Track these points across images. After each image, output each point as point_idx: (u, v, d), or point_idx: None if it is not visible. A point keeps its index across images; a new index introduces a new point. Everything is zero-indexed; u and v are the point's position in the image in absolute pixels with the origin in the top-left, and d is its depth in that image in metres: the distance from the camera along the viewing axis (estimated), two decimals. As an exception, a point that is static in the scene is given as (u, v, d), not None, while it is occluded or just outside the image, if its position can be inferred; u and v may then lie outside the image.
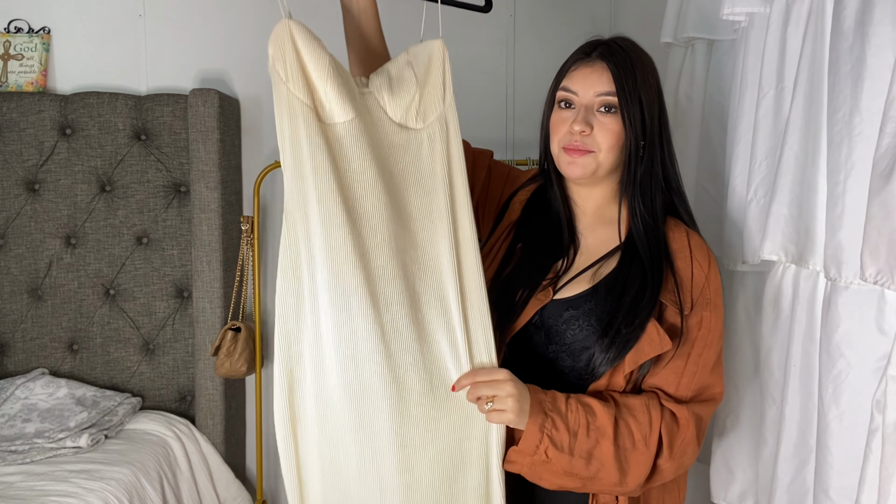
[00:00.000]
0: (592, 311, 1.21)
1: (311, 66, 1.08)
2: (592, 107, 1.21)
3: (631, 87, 1.18)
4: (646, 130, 1.20)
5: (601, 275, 1.24)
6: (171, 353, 2.38)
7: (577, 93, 1.22)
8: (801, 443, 1.30)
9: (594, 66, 1.21)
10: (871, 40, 1.06)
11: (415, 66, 1.19)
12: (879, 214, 0.97)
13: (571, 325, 1.22)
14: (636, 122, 1.19)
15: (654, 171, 1.23)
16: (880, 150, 0.97)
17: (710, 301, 1.20)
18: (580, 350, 1.21)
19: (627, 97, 1.18)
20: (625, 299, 1.18)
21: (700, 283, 1.20)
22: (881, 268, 0.97)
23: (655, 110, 1.21)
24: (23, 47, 2.40)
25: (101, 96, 2.32)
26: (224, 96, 2.30)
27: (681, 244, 1.22)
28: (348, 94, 1.10)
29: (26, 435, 2.02)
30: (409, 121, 1.18)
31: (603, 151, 1.20)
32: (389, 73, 1.20)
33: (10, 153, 2.32)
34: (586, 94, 1.21)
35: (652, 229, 1.22)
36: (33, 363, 2.37)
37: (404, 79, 1.18)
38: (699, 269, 1.20)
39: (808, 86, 1.28)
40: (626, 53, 1.21)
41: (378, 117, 1.17)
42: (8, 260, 2.35)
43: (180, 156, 2.34)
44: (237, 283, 2.34)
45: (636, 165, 1.22)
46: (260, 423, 2.42)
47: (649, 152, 1.22)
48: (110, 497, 1.78)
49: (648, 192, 1.23)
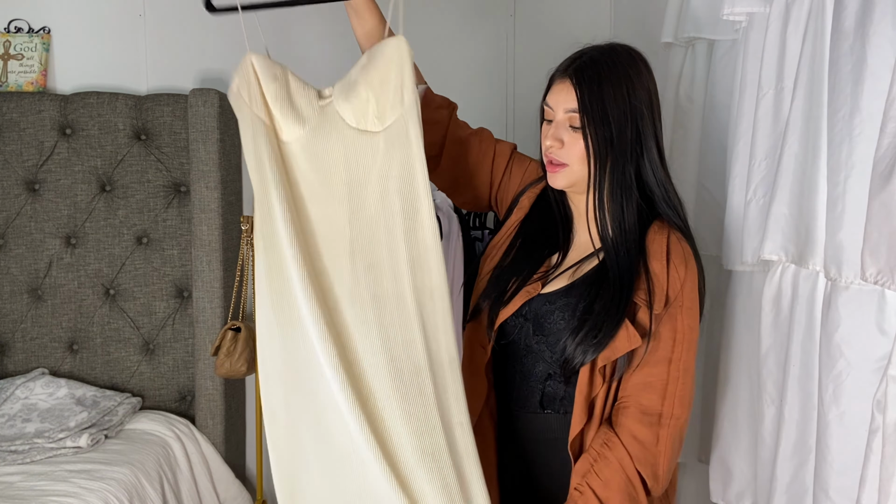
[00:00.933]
0: (567, 306, 1.28)
1: (266, 91, 1.22)
2: (564, 122, 1.25)
3: (596, 105, 1.21)
4: (614, 143, 1.22)
5: (581, 272, 1.30)
6: (171, 353, 2.38)
7: (553, 108, 1.27)
8: (801, 443, 1.30)
9: (564, 83, 1.25)
10: (872, 40, 1.06)
11: (369, 69, 1.20)
12: (880, 214, 0.97)
13: (548, 318, 1.29)
14: (600, 139, 1.22)
15: (624, 182, 1.25)
16: (880, 150, 0.97)
17: (682, 305, 1.23)
18: (555, 342, 1.28)
19: (591, 114, 1.21)
20: (600, 299, 1.23)
21: (675, 285, 1.22)
22: (881, 268, 0.97)
23: (627, 123, 1.23)
24: (23, 47, 2.40)
25: (101, 96, 2.32)
26: (224, 96, 2.30)
27: (659, 246, 1.25)
28: (294, 113, 1.21)
29: (26, 435, 2.02)
30: (367, 125, 1.20)
31: (575, 164, 1.25)
32: (349, 79, 1.22)
33: (10, 153, 2.32)
34: (558, 111, 1.25)
35: (621, 236, 1.25)
36: (33, 363, 2.37)
37: (358, 84, 1.20)
38: (675, 271, 1.23)
39: (807, 86, 1.28)
40: (597, 68, 1.23)
41: (336, 125, 1.22)
42: (8, 260, 2.35)
43: (180, 156, 2.34)
44: (237, 282, 2.34)
45: (600, 180, 1.25)
46: (260, 423, 2.42)
47: (621, 164, 1.24)
48: (110, 497, 1.78)
49: (617, 202, 1.25)
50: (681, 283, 1.23)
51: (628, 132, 1.23)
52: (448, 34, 2.46)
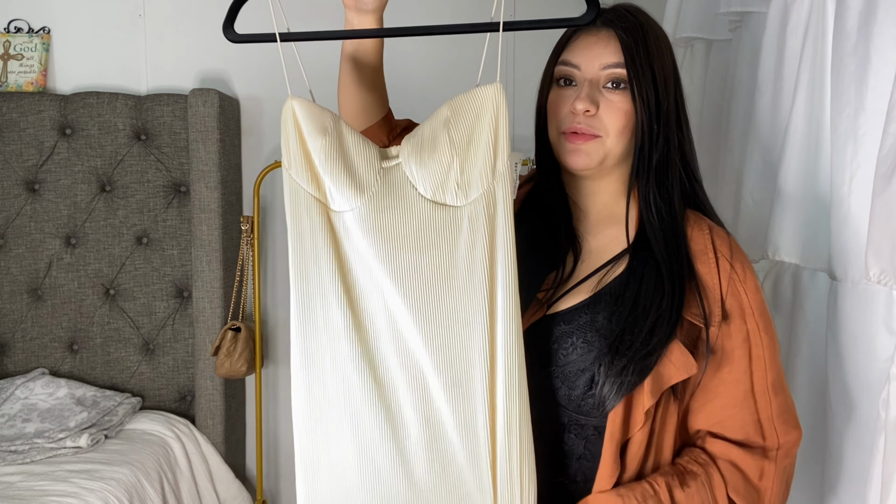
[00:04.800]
0: (589, 325, 0.99)
1: (313, 150, 0.93)
2: (598, 82, 1.00)
3: (643, 58, 0.98)
4: (660, 109, 1.00)
5: (605, 282, 1.02)
6: (171, 353, 2.38)
7: (579, 66, 1.01)
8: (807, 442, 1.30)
9: (599, 35, 1.01)
10: (876, 40, 1.06)
11: (454, 126, 0.91)
12: (882, 214, 0.97)
13: (562, 344, 1.00)
14: (649, 100, 0.99)
15: (670, 157, 1.02)
16: (883, 150, 0.97)
17: (750, 311, 0.99)
18: (575, 374, 0.98)
19: (639, 69, 0.98)
20: (637, 310, 0.97)
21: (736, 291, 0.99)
22: (885, 267, 0.97)
23: (671, 85, 1.02)
24: (23, 47, 2.40)
25: (101, 96, 2.32)
26: (224, 96, 2.30)
27: (702, 244, 1.01)
28: (349, 177, 0.93)
29: (26, 435, 2.02)
30: (446, 196, 0.92)
31: (611, 136, 1.00)
32: (423, 136, 0.94)
33: (10, 153, 2.32)
34: (591, 68, 1.00)
35: (670, 225, 1.01)
36: (33, 363, 2.36)
37: (438, 143, 0.91)
38: (727, 272, 0.99)
39: (809, 86, 1.28)
40: (636, 18, 1.01)
41: (405, 194, 0.93)
42: (8, 260, 2.34)
43: (180, 156, 2.34)
44: (237, 283, 2.34)
45: (650, 150, 1.01)
46: (260, 423, 2.42)
47: (664, 135, 1.01)
48: (110, 497, 1.77)
49: (665, 182, 1.02)
50: (741, 285, 0.99)
51: (672, 97, 1.02)
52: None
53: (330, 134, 0.93)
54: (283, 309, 2.55)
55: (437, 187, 0.91)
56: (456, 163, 0.91)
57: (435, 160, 0.91)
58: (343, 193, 0.92)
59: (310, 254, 0.94)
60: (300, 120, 0.93)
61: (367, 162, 0.93)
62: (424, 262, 0.92)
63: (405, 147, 0.94)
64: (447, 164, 0.91)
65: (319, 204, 0.94)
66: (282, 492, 2.61)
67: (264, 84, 2.46)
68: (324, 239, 0.94)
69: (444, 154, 0.91)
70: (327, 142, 0.92)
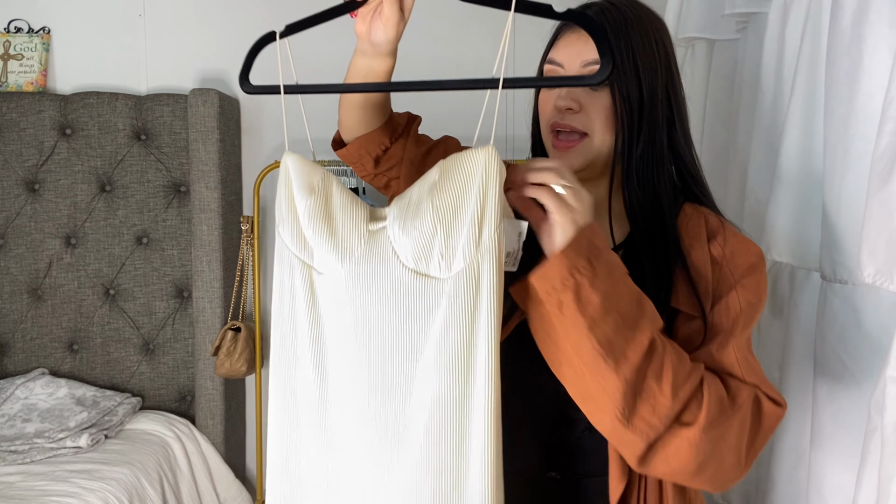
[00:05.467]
0: None
1: (299, 209, 0.89)
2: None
3: (624, 54, 0.97)
4: (643, 104, 0.97)
5: None
6: (171, 353, 2.38)
7: (562, 64, 1.02)
8: (796, 442, 1.30)
9: (580, 32, 1.00)
10: (868, 40, 1.06)
11: (440, 192, 0.84)
12: (878, 214, 0.97)
13: None
14: (630, 95, 0.96)
15: (656, 153, 0.99)
16: (878, 150, 0.97)
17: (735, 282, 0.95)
18: None
19: (619, 65, 0.96)
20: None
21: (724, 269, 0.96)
22: (879, 268, 0.97)
23: (659, 77, 0.99)
24: (23, 47, 2.41)
25: (101, 96, 2.33)
26: (224, 96, 2.30)
27: (696, 229, 0.99)
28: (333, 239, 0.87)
29: (26, 435, 2.02)
30: (428, 267, 0.84)
31: (597, 133, 0.98)
32: (409, 200, 0.87)
33: (10, 153, 2.33)
34: (573, 65, 1.00)
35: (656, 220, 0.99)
36: (33, 363, 2.37)
37: (423, 210, 0.84)
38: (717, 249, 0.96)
39: (806, 85, 1.28)
40: (620, 12, 0.99)
41: (387, 261, 0.86)
42: (8, 260, 2.35)
43: (180, 156, 2.34)
44: (237, 283, 2.34)
45: (631, 146, 0.98)
46: (260, 423, 2.42)
47: (649, 130, 0.98)
48: (110, 497, 1.78)
49: (651, 178, 0.99)
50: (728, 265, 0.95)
51: (659, 91, 0.99)
52: (446, 31, 2.45)
53: (317, 193, 0.88)
54: (283, 309, 2.54)
55: (419, 256, 0.84)
56: (440, 231, 0.83)
57: (418, 228, 0.83)
58: (325, 255, 0.88)
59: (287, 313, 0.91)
60: (291, 177, 0.89)
61: (354, 224, 0.88)
62: (397, 332, 0.85)
63: (392, 210, 0.88)
64: (430, 233, 0.83)
65: (302, 264, 0.90)
66: (282, 491, 2.61)
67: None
68: (304, 299, 0.89)
69: (427, 222, 0.83)
70: (313, 201, 0.88)
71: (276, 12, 2.42)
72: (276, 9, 2.39)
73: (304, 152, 0.93)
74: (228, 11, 2.45)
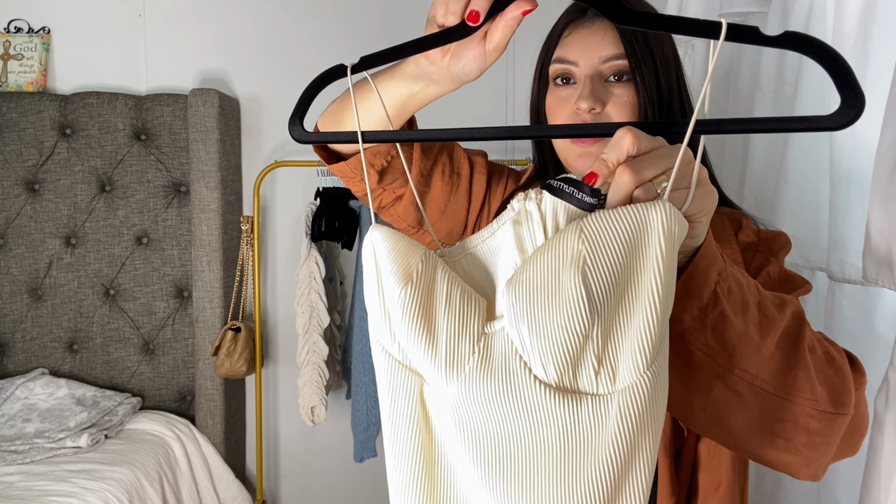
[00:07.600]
0: None
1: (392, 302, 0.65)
2: (599, 76, 0.92)
3: (643, 46, 0.91)
4: (661, 97, 0.92)
5: None
6: (171, 353, 2.38)
7: (576, 62, 0.94)
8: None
9: (594, 27, 0.94)
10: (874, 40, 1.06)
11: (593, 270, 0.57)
12: (880, 215, 0.97)
13: None
14: (651, 88, 0.91)
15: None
16: (882, 150, 0.97)
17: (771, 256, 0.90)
18: None
19: (640, 58, 0.90)
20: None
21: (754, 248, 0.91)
22: (882, 268, 0.97)
23: (672, 70, 0.95)
24: (23, 47, 2.40)
25: (101, 96, 2.32)
26: (224, 96, 2.30)
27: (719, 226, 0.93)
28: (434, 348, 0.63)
29: (26, 435, 2.02)
30: (578, 380, 0.59)
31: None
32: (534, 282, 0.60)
33: (10, 153, 2.32)
34: (589, 62, 0.92)
35: None
36: (33, 363, 2.37)
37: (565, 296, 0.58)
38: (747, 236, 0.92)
39: (809, 85, 1.28)
40: (630, 3, 0.91)
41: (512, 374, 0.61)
42: (8, 260, 2.35)
43: (180, 156, 2.34)
44: (237, 283, 2.34)
45: None
46: (260, 423, 2.42)
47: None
48: (110, 497, 1.78)
49: None
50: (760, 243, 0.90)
51: (675, 84, 0.95)
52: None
53: (415, 283, 0.65)
54: (282, 309, 2.55)
55: (563, 366, 0.58)
56: (597, 329, 0.57)
57: (559, 324, 0.57)
58: (426, 370, 0.65)
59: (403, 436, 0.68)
60: (380, 258, 0.66)
61: (462, 325, 0.63)
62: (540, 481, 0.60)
63: (508, 298, 0.61)
64: (582, 332, 0.57)
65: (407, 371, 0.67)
66: (282, 492, 2.61)
67: (264, 84, 2.46)
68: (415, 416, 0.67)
69: (575, 314, 0.57)
70: (412, 294, 0.64)
71: (276, 12, 2.43)
72: (277, 9, 2.39)
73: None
74: (228, 11, 2.45)
